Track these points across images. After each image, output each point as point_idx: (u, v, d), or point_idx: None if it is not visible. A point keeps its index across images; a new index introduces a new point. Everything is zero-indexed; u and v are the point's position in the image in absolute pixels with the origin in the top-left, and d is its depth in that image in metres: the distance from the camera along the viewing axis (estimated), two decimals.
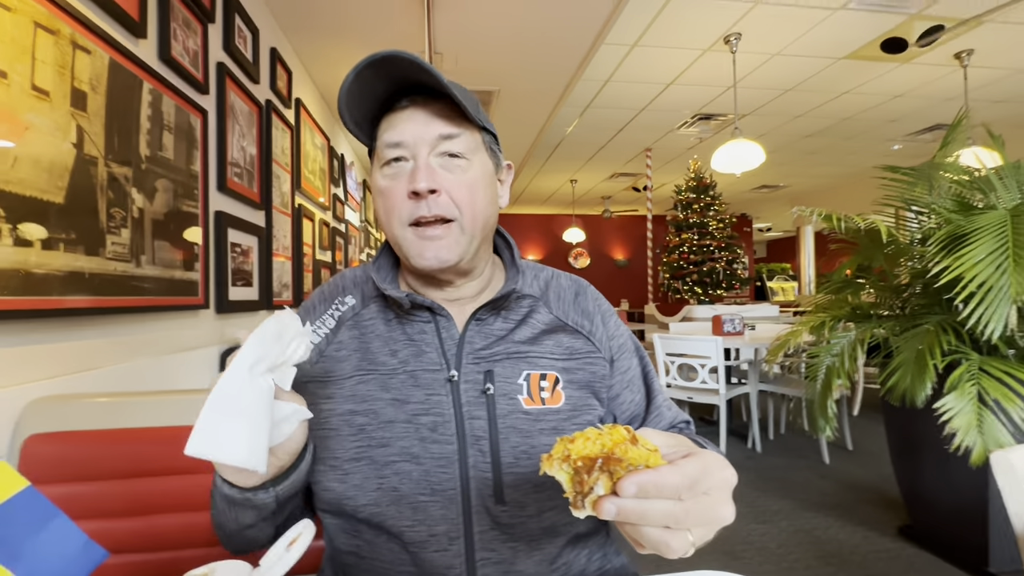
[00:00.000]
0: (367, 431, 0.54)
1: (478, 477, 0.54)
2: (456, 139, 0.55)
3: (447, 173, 0.55)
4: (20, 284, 0.86)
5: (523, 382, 0.57)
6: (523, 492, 0.54)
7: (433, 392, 0.55)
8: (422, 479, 0.53)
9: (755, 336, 3.29)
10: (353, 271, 0.67)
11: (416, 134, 0.54)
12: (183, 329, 1.47)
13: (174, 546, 0.85)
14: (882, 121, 4.92)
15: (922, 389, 1.61)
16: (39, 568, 0.31)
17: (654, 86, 4.03)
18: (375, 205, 0.60)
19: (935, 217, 1.88)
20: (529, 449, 0.54)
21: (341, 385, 0.57)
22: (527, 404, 0.56)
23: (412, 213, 0.54)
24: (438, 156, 0.55)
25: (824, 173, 7.05)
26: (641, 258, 9.39)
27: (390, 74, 0.53)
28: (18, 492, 0.32)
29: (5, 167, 0.84)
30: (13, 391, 0.87)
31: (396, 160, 0.55)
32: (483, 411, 0.55)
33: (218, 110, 1.70)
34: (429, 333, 0.58)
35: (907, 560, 1.83)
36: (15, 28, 0.86)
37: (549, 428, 0.56)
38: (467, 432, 0.54)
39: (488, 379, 0.56)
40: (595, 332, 0.63)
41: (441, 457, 0.53)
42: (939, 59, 3.62)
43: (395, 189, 0.55)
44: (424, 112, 0.55)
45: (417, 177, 0.53)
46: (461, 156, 0.56)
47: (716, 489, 0.37)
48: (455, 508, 0.53)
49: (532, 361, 0.58)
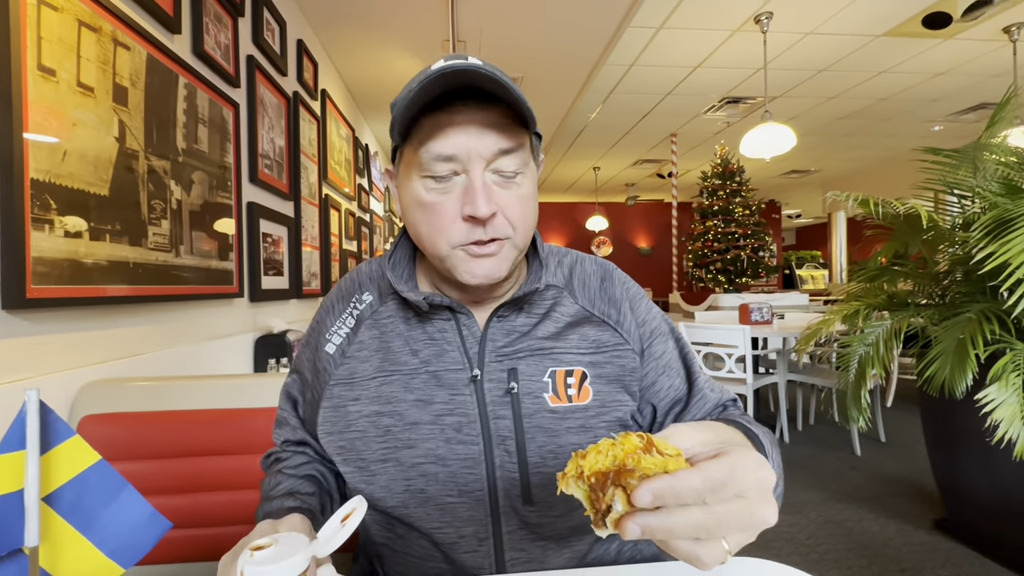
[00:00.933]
0: (393, 432, 0.54)
1: (505, 478, 0.53)
2: (513, 154, 0.50)
3: (502, 191, 0.51)
4: (71, 273, 0.91)
5: (548, 379, 0.55)
6: (551, 492, 0.53)
7: (457, 392, 0.54)
8: (449, 480, 0.53)
9: (784, 325, 3.22)
10: (369, 266, 0.65)
11: (471, 148, 0.49)
12: (219, 317, 1.52)
13: (219, 522, 0.89)
14: (922, 101, 4.70)
15: (962, 379, 1.55)
16: (111, 535, 0.34)
17: (680, 69, 3.94)
18: (411, 214, 0.54)
19: (980, 201, 1.80)
20: (556, 449, 0.53)
21: (366, 386, 0.56)
22: (553, 402, 0.54)
23: (467, 236, 0.50)
24: (493, 172, 0.51)
25: (858, 157, 6.79)
26: (666, 246, 9.25)
27: (453, 80, 0.47)
28: (91, 465, 0.35)
29: (55, 161, 0.88)
30: (68, 375, 0.92)
31: (444, 174, 0.50)
32: (508, 410, 0.54)
33: (248, 103, 1.74)
34: (450, 331, 0.57)
35: (944, 554, 1.78)
36: (61, 27, 0.90)
37: (576, 426, 0.54)
38: (492, 432, 0.53)
39: (512, 377, 0.54)
40: (623, 321, 0.60)
41: (467, 458, 0.53)
42: (985, 34, 3.42)
43: (444, 207, 0.50)
44: (478, 121, 0.49)
45: (477, 201, 0.48)
46: (517, 172, 0.52)
47: (751, 491, 0.33)
48: (483, 509, 0.53)
49: (557, 357, 0.56)
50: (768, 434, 0.53)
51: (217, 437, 0.91)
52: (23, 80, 0.81)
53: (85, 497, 0.34)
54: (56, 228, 0.87)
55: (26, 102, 0.81)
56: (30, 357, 0.86)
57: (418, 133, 0.50)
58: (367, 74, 3.22)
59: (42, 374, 0.87)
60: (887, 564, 1.73)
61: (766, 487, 0.34)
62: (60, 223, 0.88)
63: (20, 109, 0.80)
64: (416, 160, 0.51)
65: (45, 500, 0.36)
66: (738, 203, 6.27)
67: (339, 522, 0.31)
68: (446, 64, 0.46)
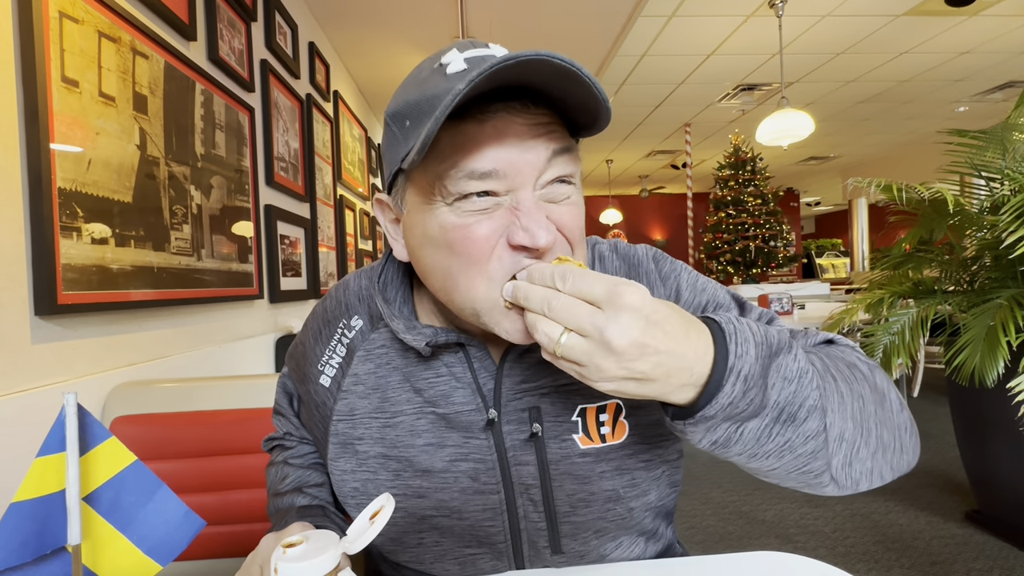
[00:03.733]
0: (403, 478, 0.48)
1: (530, 528, 0.48)
2: (565, 156, 0.40)
3: (555, 206, 0.41)
4: (99, 279, 0.93)
5: (577, 419, 0.47)
6: (582, 541, 0.48)
7: (471, 436, 0.47)
8: (466, 532, 0.48)
9: (804, 315, 3.17)
10: (357, 280, 0.55)
11: (514, 161, 0.38)
12: (240, 318, 1.55)
13: (246, 519, 0.91)
14: (946, 81, 4.56)
15: (993, 368, 1.51)
16: (149, 533, 0.35)
17: (693, 58, 3.87)
18: (428, 257, 0.42)
19: (1009, 183, 1.74)
20: (588, 496, 0.47)
21: (368, 425, 0.49)
22: (584, 444, 0.47)
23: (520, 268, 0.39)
24: (544, 185, 0.40)
25: (878, 142, 6.62)
26: (681, 238, 9.13)
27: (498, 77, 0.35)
28: (128, 465, 0.36)
29: (81, 170, 0.90)
30: (100, 377, 0.94)
31: (480, 195, 0.39)
32: (531, 455, 0.47)
33: (263, 107, 1.76)
34: (458, 366, 0.48)
35: (976, 547, 1.74)
36: (83, 39, 0.92)
37: (611, 469, 0.47)
38: (514, 480, 0.47)
39: (534, 418, 0.46)
40: None
41: (486, 509, 0.47)
42: (1014, 8, 3.30)
43: (479, 234, 0.39)
44: (520, 125, 0.38)
45: (532, 227, 0.38)
46: (570, 180, 0.41)
47: (609, 307, 0.32)
48: (506, 560, 0.48)
49: (586, 391, 0.44)
50: (782, 340, 0.38)
51: (242, 436, 0.92)
52: (48, 92, 0.83)
53: (123, 497, 0.36)
54: (83, 235, 0.90)
55: (51, 113, 0.84)
56: (63, 361, 0.88)
57: (436, 148, 0.38)
58: (378, 74, 3.23)
59: (75, 377, 0.90)
60: (917, 557, 1.70)
61: (619, 305, 0.32)
62: (87, 230, 0.91)
63: (46, 120, 0.82)
64: (437, 185, 0.39)
65: (85, 500, 0.37)
66: (750, 192, 6.17)
67: (367, 520, 0.32)
68: (505, 56, 0.34)
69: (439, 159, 0.39)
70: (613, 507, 0.47)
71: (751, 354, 0.34)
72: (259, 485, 0.91)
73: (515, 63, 0.34)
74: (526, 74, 0.36)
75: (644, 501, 0.49)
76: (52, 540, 0.36)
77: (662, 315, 0.33)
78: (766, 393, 0.35)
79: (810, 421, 0.36)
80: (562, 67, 0.34)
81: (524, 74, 0.36)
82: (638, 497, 0.48)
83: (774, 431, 0.36)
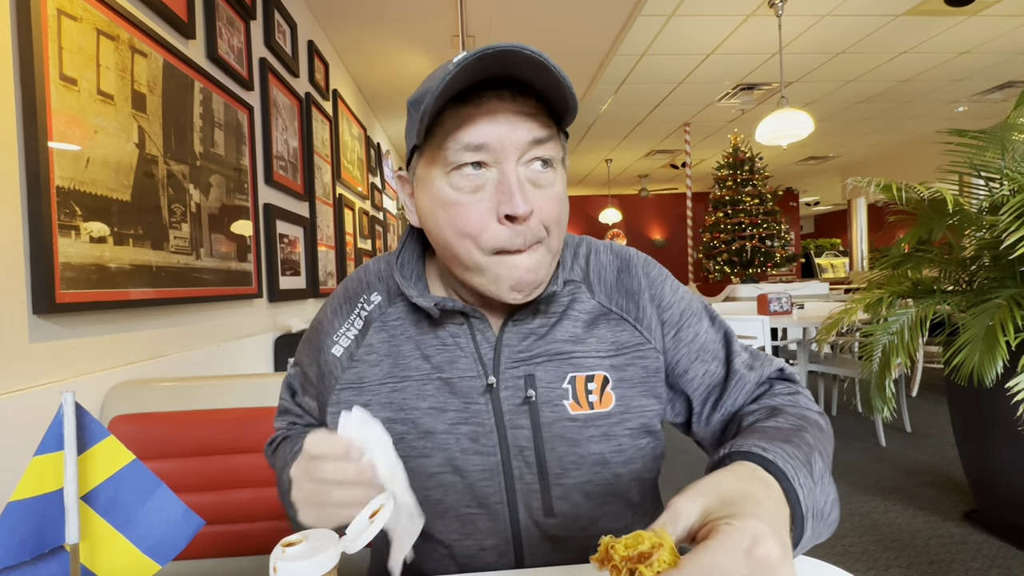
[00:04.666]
0: (407, 440, 0.52)
1: (524, 489, 0.51)
2: (546, 144, 0.48)
3: (536, 189, 0.48)
4: (97, 278, 0.93)
5: (568, 386, 0.52)
6: (573, 503, 0.52)
7: (471, 400, 0.52)
8: (466, 492, 0.51)
9: (803, 315, 3.17)
10: (376, 264, 0.62)
11: (503, 137, 0.46)
12: (239, 317, 1.55)
13: (245, 518, 0.91)
14: (945, 81, 4.56)
15: (992, 367, 1.51)
16: (147, 533, 0.35)
17: (693, 57, 3.87)
18: (434, 217, 0.50)
19: (1009, 183, 1.74)
20: (578, 459, 0.51)
21: (376, 391, 0.54)
22: (573, 410, 0.52)
23: (507, 243, 0.47)
24: (525, 165, 0.48)
25: (877, 142, 6.62)
26: (681, 237, 9.14)
27: (487, 67, 0.44)
28: (126, 464, 0.36)
29: (79, 169, 0.90)
30: (98, 376, 0.94)
31: (474, 165, 0.47)
32: (526, 419, 0.51)
33: (262, 105, 1.76)
34: (463, 336, 0.54)
35: (975, 546, 1.74)
36: (81, 37, 0.92)
37: (599, 434, 0.52)
38: (510, 443, 0.51)
39: (529, 384, 0.52)
40: (642, 318, 0.56)
41: (484, 469, 0.51)
42: (1013, 8, 3.30)
43: (475, 208, 0.47)
44: (510, 110, 0.46)
45: (513, 198, 0.45)
46: (550, 165, 0.48)
47: (754, 566, 0.29)
48: (502, 521, 0.51)
49: (577, 362, 0.53)
50: (799, 428, 0.46)
51: (241, 435, 0.92)
52: (46, 90, 0.83)
53: (121, 496, 0.36)
54: (82, 234, 0.90)
55: (50, 111, 0.83)
56: (61, 360, 0.88)
57: (442, 127, 0.47)
58: (377, 73, 3.23)
59: (73, 376, 0.90)
60: (915, 556, 1.70)
61: (766, 565, 0.29)
62: (85, 229, 0.90)
63: (44, 119, 0.82)
64: (441, 156, 0.47)
65: (84, 499, 0.37)
66: (747, 192, 6.16)
67: (367, 519, 0.32)
68: (486, 47, 0.42)
69: (443, 134, 0.47)
70: (601, 471, 0.52)
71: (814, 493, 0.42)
72: (258, 484, 0.91)
73: (494, 52, 0.41)
74: (510, 66, 0.43)
75: (630, 469, 0.53)
76: (50, 539, 0.36)
77: (781, 526, 0.33)
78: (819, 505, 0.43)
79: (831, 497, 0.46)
80: (533, 57, 0.42)
81: (508, 65, 0.43)
82: (624, 464, 0.53)
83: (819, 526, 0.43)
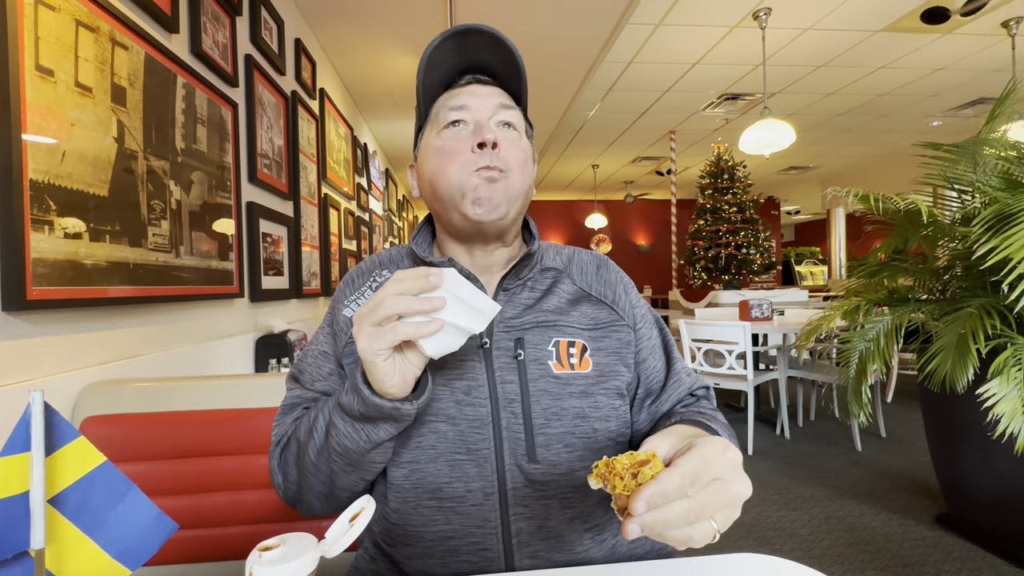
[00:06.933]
0: None
1: (511, 438, 0.57)
2: (512, 111, 0.63)
3: (503, 133, 0.62)
4: (72, 274, 0.90)
5: (552, 348, 0.60)
6: (554, 452, 0.58)
7: (467, 359, 0.59)
8: (457, 439, 0.57)
9: (784, 321, 3.22)
10: (388, 251, 0.72)
11: (478, 102, 0.61)
12: (220, 317, 1.52)
13: (221, 523, 0.89)
14: (921, 96, 4.70)
15: (964, 374, 1.56)
16: (118, 537, 0.34)
17: (679, 66, 3.93)
18: (429, 162, 0.62)
19: (980, 196, 1.80)
20: (559, 411, 0.58)
21: None
22: (557, 369, 0.59)
23: (478, 162, 0.59)
24: (495, 124, 0.61)
25: (856, 153, 6.79)
26: (665, 243, 9.26)
27: (465, 50, 0.61)
28: (97, 467, 0.35)
29: (54, 162, 0.87)
30: (70, 376, 0.91)
31: (456, 123, 0.61)
32: (515, 376, 0.58)
33: (247, 102, 1.73)
34: None
35: (945, 549, 1.79)
36: (59, 27, 0.89)
37: (578, 391, 0.60)
38: (500, 396, 0.58)
39: (519, 346, 0.59)
40: (618, 302, 0.67)
41: (475, 419, 0.57)
42: (985, 28, 3.42)
43: (457, 145, 0.60)
44: (483, 87, 0.63)
45: (484, 131, 0.59)
46: (513, 127, 0.63)
47: (723, 471, 0.39)
48: (489, 466, 0.57)
49: (561, 329, 0.62)
50: (725, 426, 0.61)
51: (219, 437, 0.90)
52: (21, 81, 0.80)
53: (91, 499, 0.34)
54: (56, 229, 0.87)
55: (24, 103, 0.81)
56: (31, 359, 0.85)
57: (437, 103, 0.64)
58: (365, 73, 3.21)
59: (44, 376, 0.87)
60: (889, 559, 1.74)
61: (735, 464, 0.40)
62: (60, 224, 0.88)
63: (18, 110, 0.80)
64: (435, 120, 0.63)
65: (51, 502, 0.36)
66: (727, 200, 6.25)
67: (347, 522, 0.31)
68: (462, 23, 0.59)
69: (438, 107, 0.63)
70: (581, 424, 0.59)
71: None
72: (235, 487, 0.89)
73: (465, 28, 0.59)
74: (481, 51, 0.62)
75: (606, 427, 0.61)
76: (14, 544, 0.34)
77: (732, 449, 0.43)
78: None
79: None
80: (494, 35, 0.60)
81: (479, 50, 0.62)
82: (601, 420, 0.60)
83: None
